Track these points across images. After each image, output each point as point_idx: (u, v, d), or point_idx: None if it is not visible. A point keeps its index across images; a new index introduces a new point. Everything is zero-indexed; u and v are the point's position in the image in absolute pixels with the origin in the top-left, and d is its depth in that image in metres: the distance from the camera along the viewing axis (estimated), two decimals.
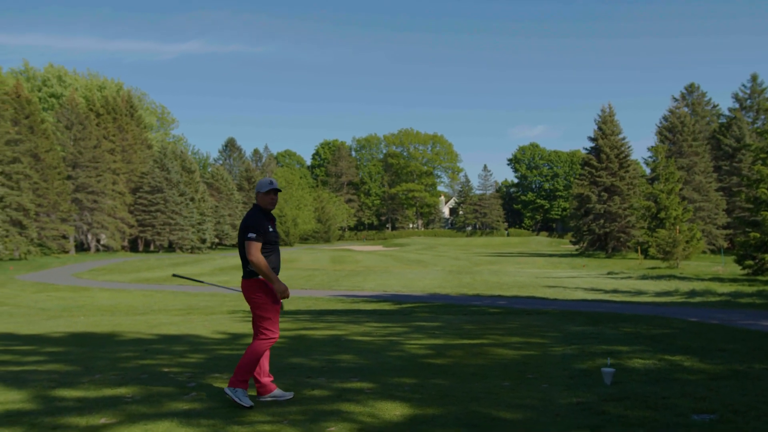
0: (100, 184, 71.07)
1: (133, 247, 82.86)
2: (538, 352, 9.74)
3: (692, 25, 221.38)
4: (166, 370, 8.19)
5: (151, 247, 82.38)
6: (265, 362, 6.45)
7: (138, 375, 7.80)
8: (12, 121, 60.46)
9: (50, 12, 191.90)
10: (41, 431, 5.24)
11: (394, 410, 5.88)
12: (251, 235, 6.19)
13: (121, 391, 6.81)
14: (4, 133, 55.41)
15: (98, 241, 75.56)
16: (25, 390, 6.90)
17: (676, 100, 76.70)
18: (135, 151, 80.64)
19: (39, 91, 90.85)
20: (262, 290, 6.26)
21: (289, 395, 6.42)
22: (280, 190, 6.53)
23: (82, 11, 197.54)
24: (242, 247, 6.25)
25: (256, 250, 6.17)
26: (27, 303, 25.30)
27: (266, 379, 6.41)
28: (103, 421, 5.54)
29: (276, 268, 6.37)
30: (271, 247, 6.35)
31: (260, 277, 6.24)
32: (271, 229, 6.33)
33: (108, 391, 6.78)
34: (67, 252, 68.90)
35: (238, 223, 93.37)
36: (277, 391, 6.41)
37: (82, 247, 75.65)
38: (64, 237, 67.48)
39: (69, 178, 69.02)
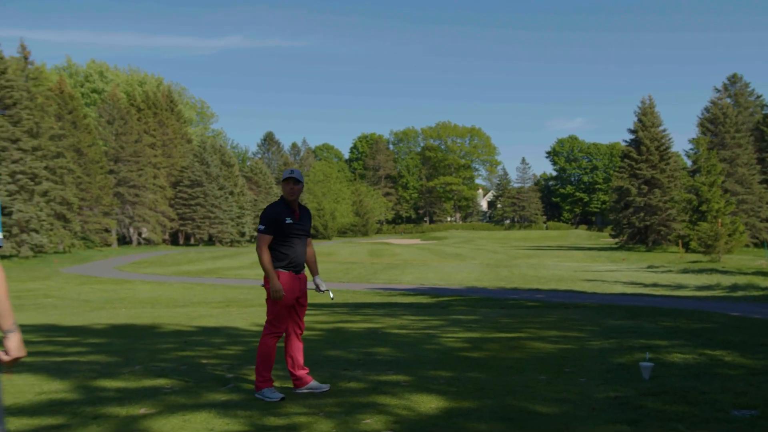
0: (141, 178, 72.01)
1: (173, 240, 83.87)
2: (575, 345, 9.68)
3: (734, 15, 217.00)
4: (204, 361, 8.29)
5: (191, 241, 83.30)
6: (298, 355, 6.42)
7: (177, 366, 7.91)
8: (56, 116, 61.52)
9: (93, 9, 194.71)
10: (83, 420, 5.34)
11: (429, 403, 5.89)
12: (260, 227, 6.22)
13: (161, 382, 6.92)
14: (48, 128, 56.38)
15: (140, 234, 76.60)
16: (68, 380, 7.03)
17: (718, 91, 75.34)
18: (175, 146, 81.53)
19: (81, 86, 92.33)
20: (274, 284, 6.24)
21: (326, 387, 6.42)
22: (300, 180, 6.34)
23: (124, 7, 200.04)
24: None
25: (262, 243, 6.17)
26: (70, 295, 25.76)
27: (301, 372, 6.41)
28: (142, 411, 5.63)
29: (296, 263, 6.30)
30: (291, 240, 6.26)
31: (277, 270, 6.22)
32: (289, 221, 6.23)
33: (147, 382, 6.88)
34: (109, 245, 69.98)
35: None
36: (313, 383, 6.41)
37: (123, 241, 76.76)
38: (107, 230, 68.56)
39: (111, 172, 70.05)
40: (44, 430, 5.10)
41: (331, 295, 6.91)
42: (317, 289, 6.57)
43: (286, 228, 6.21)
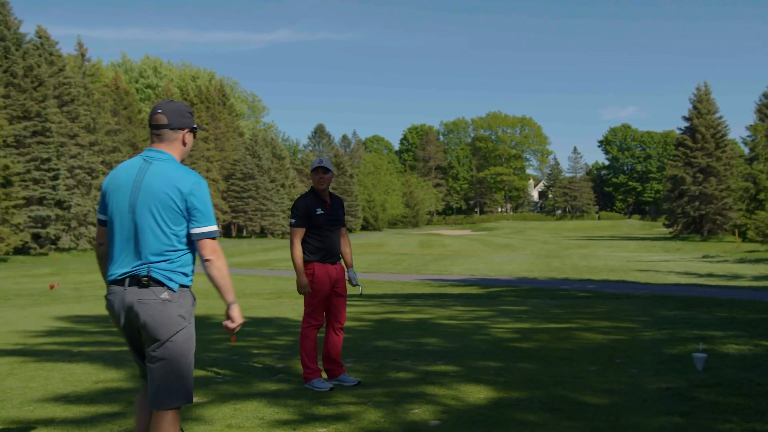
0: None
1: (226, 232, 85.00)
2: (627, 336, 9.57)
3: None
4: (255, 351, 8.42)
5: (244, 233, 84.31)
6: (331, 349, 6.40)
7: (229, 356, 8.05)
8: (112, 111, 62.79)
9: (147, 6, 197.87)
10: None
11: (478, 393, 5.89)
12: (291, 220, 6.27)
13: (213, 371, 7.05)
14: (105, 123, 57.57)
15: None
16: (123, 370, 7.21)
17: None
18: (227, 139, 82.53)
19: (136, 82, 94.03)
20: (311, 275, 6.22)
21: (355, 381, 6.35)
22: (330, 169, 6.27)
23: (177, 4, 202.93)
24: None
25: (294, 236, 6.20)
26: None
27: (331, 365, 6.42)
28: (194, 400, 5.75)
29: (330, 254, 6.26)
30: (323, 232, 6.22)
31: (310, 262, 6.21)
32: (320, 212, 6.19)
33: (200, 372, 7.01)
34: None
35: None
36: (342, 376, 6.39)
37: None
38: None
39: None
40: (101, 417, 5.24)
41: (360, 290, 6.90)
42: (350, 282, 6.54)
43: (317, 219, 6.18)
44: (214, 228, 3.55)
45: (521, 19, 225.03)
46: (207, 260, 3.52)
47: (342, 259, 6.53)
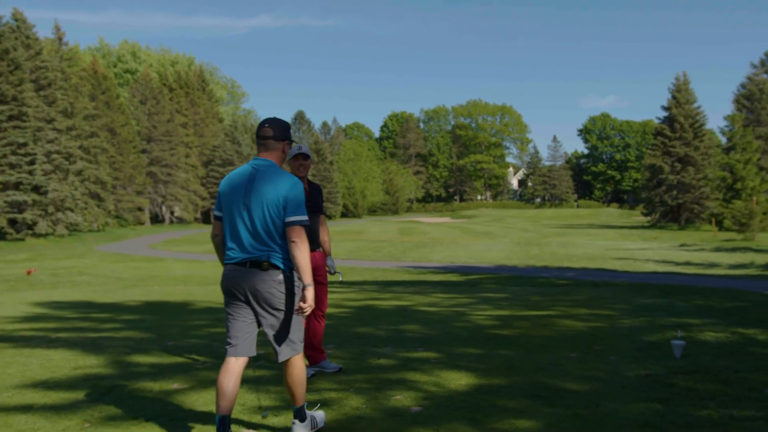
0: (174, 158, 72.62)
1: (205, 219, 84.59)
2: (605, 324, 9.63)
3: None
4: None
5: None
6: (313, 336, 6.37)
7: (209, 342, 8.02)
8: (89, 96, 62.14)
9: None
10: (117, 395, 5.45)
11: (459, 380, 5.91)
12: None
13: (193, 358, 7.02)
14: (82, 108, 57.00)
15: (172, 213, 77.39)
16: (103, 355, 7.17)
17: (755, 66, 73.68)
18: (207, 125, 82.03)
19: (114, 67, 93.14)
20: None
21: (336, 367, 6.36)
22: (309, 155, 6.14)
23: None
24: None
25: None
26: (105, 273, 26.14)
27: (311, 352, 6.38)
28: (175, 386, 5.73)
29: (310, 240, 5.86)
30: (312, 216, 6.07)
31: None
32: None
33: (180, 358, 6.99)
34: (142, 224, 70.81)
35: None
36: (323, 363, 6.39)
37: (156, 219, 77.60)
38: (140, 209, 69.37)
39: (144, 151, 70.74)
40: (80, 403, 5.21)
41: (340, 277, 6.88)
42: (329, 270, 6.46)
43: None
44: (302, 218, 4.21)
45: (502, 7, 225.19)
46: (293, 242, 4.16)
47: (321, 247, 6.47)
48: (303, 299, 4.15)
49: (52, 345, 7.99)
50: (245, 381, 5.85)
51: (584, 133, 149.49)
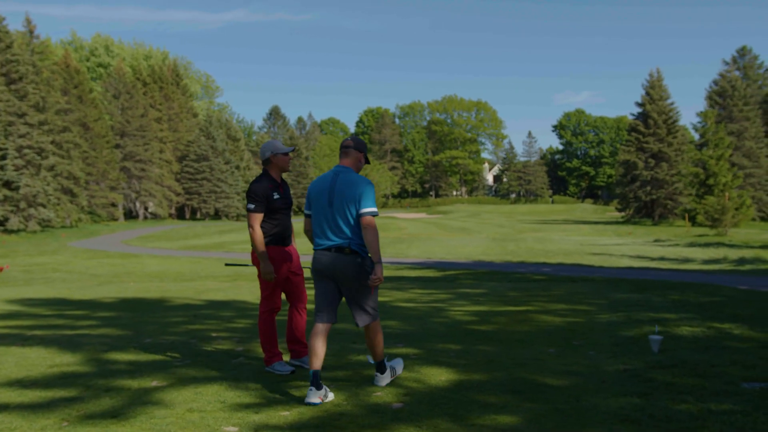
0: (148, 153, 72.02)
1: (180, 214, 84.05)
2: (583, 319, 9.69)
3: None
4: (214, 335, 8.34)
5: (198, 215, 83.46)
6: (295, 330, 6.39)
7: (188, 339, 7.96)
8: (62, 90, 61.45)
9: None
10: (95, 393, 5.39)
11: (439, 376, 5.91)
12: (250, 206, 6.03)
13: (171, 355, 6.96)
14: (55, 102, 56.34)
15: (146, 208, 76.77)
16: (79, 353, 7.09)
17: (726, 63, 74.57)
18: (181, 120, 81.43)
19: (87, 61, 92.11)
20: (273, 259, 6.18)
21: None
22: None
23: None
24: None
25: (255, 222, 6.01)
26: (79, 269, 25.87)
27: (295, 346, 6.39)
28: (154, 384, 5.67)
29: (285, 235, 6.23)
30: (278, 216, 6.15)
31: (267, 246, 6.13)
32: (277, 196, 6.11)
33: (158, 356, 6.93)
34: (116, 219, 70.18)
35: None
36: (306, 358, 6.32)
37: (130, 215, 76.96)
38: (113, 205, 68.72)
39: (117, 146, 70.09)
40: (57, 402, 5.14)
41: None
42: None
43: (275, 203, 6.09)
44: (372, 209, 5.25)
45: (477, 3, 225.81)
46: (365, 228, 5.19)
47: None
48: (374, 274, 5.19)
49: (27, 343, 7.89)
50: (224, 378, 5.83)
51: (559, 129, 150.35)
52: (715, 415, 4.65)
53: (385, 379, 5.57)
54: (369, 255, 5.28)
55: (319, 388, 5.05)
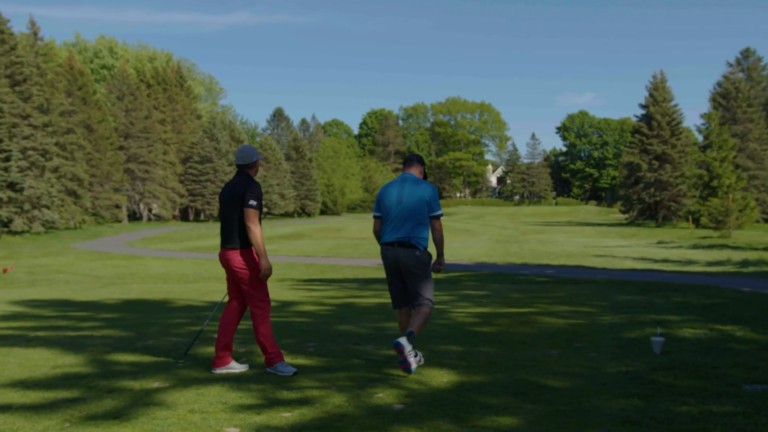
0: (151, 155, 72.09)
1: (183, 216, 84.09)
2: (586, 321, 9.69)
3: None
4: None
5: (201, 217, 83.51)
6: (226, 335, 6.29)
7: (190, 341, 7.96)
8: (66, 92, 61.54)
9: None
10: (97, 394, 5.40)
11: (441, 377, 5.92)
12: (252, 202, 6.03)
13: (174, 356, 6.97)
14: (59, 104, 56.42)
15: (150, 210, 76.85)
16: (82, 354, 7.10)
17: (730, 65, 74.47)
18: (185, 122, 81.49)
19: (91, 62, 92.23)
20: (255, 261, 6.13)
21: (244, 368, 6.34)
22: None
23: None
24: (231, 216, 6.10)
25: (257, 219, 6.04)
26: (82, 271, 25.92)
27: (223, 352, 6.28)
28: (156, 385, 5.68)
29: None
30: (262, 218, 6.31)
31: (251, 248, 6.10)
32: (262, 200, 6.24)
33: (161, 357, 6.94)
34: (120, 221, 70.26)
35: (286, 192, 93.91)
36: (233, 364, 6.32)
37: (134, 217, 77.04)
38: (117, 206, 68.78)
39: (121, 148, 70.16)
40: (60, 403, 5.15)
41: None
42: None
43: (261, 206, 6.16)
44: (440, 212, 6.31)
45: (481, 5, 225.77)
46: (435, 228, 6.29)
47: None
48: (439, 264, 6.35)
49: (30, 344, 7.91)
50: (226, 379, 5.84)
51: (562, 130, 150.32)
52: (716, 417, 4.65)
53: (410, 351, 5.91)
54: (426, 249, 6.27)
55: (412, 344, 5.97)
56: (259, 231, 6.02)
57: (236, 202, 6.08)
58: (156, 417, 4.75)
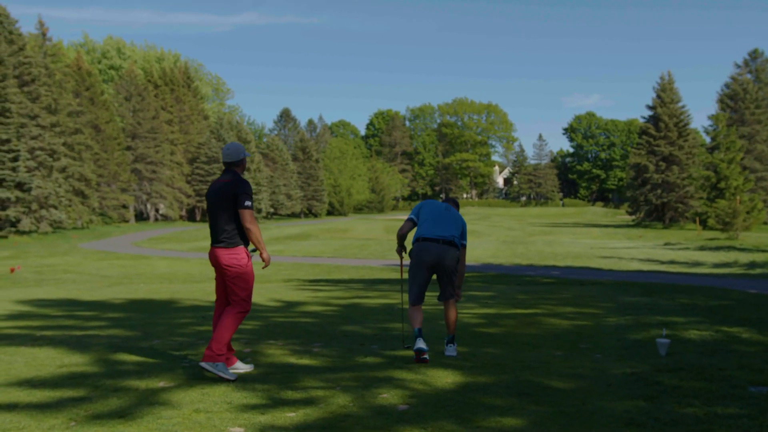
0: (159, 155, 72.24)
1: (190, 216, 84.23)
2: (591, 322, 9.68)
3: None
4: None
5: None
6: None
7: (195, 341, 7.99)
8: (73, 93, 61.71)
9: None
10: (103, 393, 5.42)
11: (446, 378, 5.92)
12: (248, 203, 6.01)
13: (179, 355, 6.99)
14: (66, 104, 56.59)
15: (157, 210, 77.02)
16: (88, 354, 7.12)
17: (738, 66, 74.17)
18: (192, 122, 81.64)
19: (99, 63, 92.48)
20: (249, 260, 6.12)
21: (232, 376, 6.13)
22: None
23: None
24: (220, 215, 6.05)
25: (254, 218, 6.03)
26: (89, 270, 26.00)
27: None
28: (161, 384, 5.70)
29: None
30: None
31: (244, 246, 6.09)
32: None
33: (167, 356, 6.96)
34: (127, 221, 70.43)
35: (293, 193, 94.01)
36: (238, 364, 6.28)
37: (141, 217, 77.22)
38: (124, 206, 68.93)
39: (128, 148, 70.32)
40: (66, 402, 5.18)
41: None
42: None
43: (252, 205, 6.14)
44: (465, 242, 7.24)
45: (488, 5, 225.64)
46: (463, 245, 7.17)
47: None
48: (456, 297, 7.12)
49: (36, 343, 7.94)
50: (229, 380, 5.85)
51: (569, 131, 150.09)
52: (721, 419, 4.64)
53: (453, 351, 7.04)
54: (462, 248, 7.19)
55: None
56: (257, 229, 6.05)
57: (225, 202, 6.02)
58: (161, 416, 4.77)
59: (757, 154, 66.98)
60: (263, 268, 6.32)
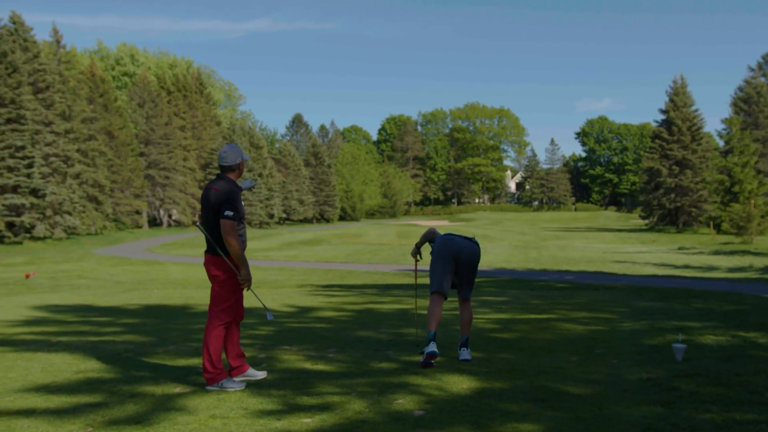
0: (172, 161, 72.50)
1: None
2: (606, 327, 9.64)
3: None
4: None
5: None
6: (236, 344, 6.12)
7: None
8: (87, 99, 62.05)
9: None
10: (120, 398, 5.44)
11: (461, 383, 5.91)
12: (228, 213, 5.70)
13: (194, 361, 7.01)
14: (80, 111, 56.91)
15: (170, 216, 77.26)
16: (104, 359, 7.16)
17: (752, 70, 73.68)
18: (205, 128, 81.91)
19: (112, 70, 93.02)
20: (230, 270, 5.89)
21: (262, 375, 6.18)
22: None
23: None
24: (208, 222, 5.85)
25: (233, 230, 5.70)
26: (103, 276, 26.10)
27: (239, 360, 6.13)
28: (177, 390, 5.72)
29: (244, 245, 5.94)
30: (242, 224, 5.93)
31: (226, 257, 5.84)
32: (242, 203, 5.91)
33: (181, 362, 6.98)
34: (140, 227, 70.69)
35: (305, 198, 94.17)
36: (249, 371, 6.17)
37: (154, 222, 77.48)
38: (138, 212, 69.22)
39: (141, 154, 70.62)
40: (82, 407, 5.20)
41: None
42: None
43: (242, 210, 5.90)
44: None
45: (499, 10, 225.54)
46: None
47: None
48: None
49: (53, 349, 7.98)
50: (247, 385, 5.86)
51: (582, 136, 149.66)
52: (739, 425, 4.62)
53: (469, 355, 7.06)
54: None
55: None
56: (235, 242, 5.72)
57: (212, 210, 5.81)
58: (177, 422, 4.79)
59: None
60: (243, 289, 5.96)
